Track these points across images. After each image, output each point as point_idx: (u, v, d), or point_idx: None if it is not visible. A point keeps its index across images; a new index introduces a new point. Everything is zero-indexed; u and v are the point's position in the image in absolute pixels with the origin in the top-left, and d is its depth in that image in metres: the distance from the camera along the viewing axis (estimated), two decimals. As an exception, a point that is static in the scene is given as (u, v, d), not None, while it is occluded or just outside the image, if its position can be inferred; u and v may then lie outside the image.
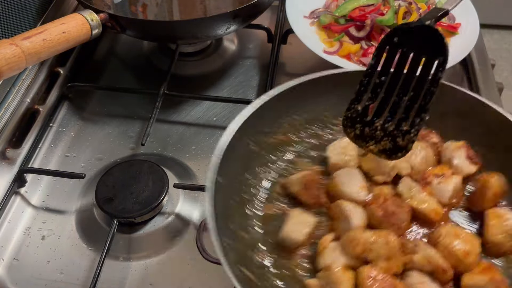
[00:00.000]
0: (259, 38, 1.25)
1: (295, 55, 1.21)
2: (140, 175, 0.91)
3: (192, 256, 0.85)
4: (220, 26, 1.01)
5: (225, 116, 1.08)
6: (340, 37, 1.13)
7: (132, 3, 1.19)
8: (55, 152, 1.02)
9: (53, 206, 0.93)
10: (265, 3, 1.08)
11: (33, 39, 0.82)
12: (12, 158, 0.98)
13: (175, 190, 0.93)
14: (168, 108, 1.09)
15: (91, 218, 0.91)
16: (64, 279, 0.83)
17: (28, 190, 0.95)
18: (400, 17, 1.12)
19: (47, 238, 0.88)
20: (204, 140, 1.04)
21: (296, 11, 1.17)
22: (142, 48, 1.24)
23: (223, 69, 1.19)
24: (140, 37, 1.12)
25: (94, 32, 0.92)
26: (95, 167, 0.99)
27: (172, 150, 1.02)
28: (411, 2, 1.14)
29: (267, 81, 1.10)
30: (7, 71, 0.78)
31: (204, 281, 0.83)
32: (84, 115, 1.09)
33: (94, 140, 1.04)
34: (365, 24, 1.13)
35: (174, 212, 0.91)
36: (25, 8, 1.11)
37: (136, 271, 0.84)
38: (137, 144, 1.02)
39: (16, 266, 0.85)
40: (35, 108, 1.07)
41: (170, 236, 0.89)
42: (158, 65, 1.19)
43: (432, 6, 1.19)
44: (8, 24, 1.05)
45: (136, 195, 0.88)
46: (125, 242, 0.88)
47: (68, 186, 0.95)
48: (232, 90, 1.14)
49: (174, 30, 1.03)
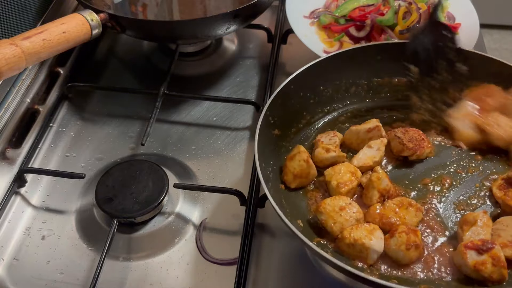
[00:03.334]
0: (259, 38, 1.25)
1: (295, 55, 1.21)
2: (140, 175, 0.91)
3: (192, 256, 0.85)
4: (220, 26, 1.01)
5: (225, 116, 1.08)
6: (340, 37, 1.13)
7: (132, 3, 1.19)
8: (55, 152, 1.02)
9: (53, 206, 0.93)
10: (265, 3, 1.08)
11: (33, 39, 0.82)
12: (12, 158, 0.98)
13: (175, 190, 0.93)
14: (168, 108, 1.09)
15: (91, 218, 0.91)
16: (64, 279, 0.83)
17: (28, 190, 0.95)
18: (400, 17, 1.12)
19: (47, 238, 0.88)
20: (204, 140, 1.04)
21: (296, 11, 1.17)
22: (142, 48, 1.24)
23: (223, 69, 1.19)
24: (140, 37, 1.12)
25: (94, 32, 0.92)
26: (95, 167, 0.99)
27: (172, 150, 1.02)
28: (411, 2, 1.14)
29: (267, 81, 1.10)
30: (7, 71, 0.78)
31: (204, 281, 0.83)
32: (84, 115, 1.09)
33: (94, 140, 1.04)
34: (365, 24, 1.13)
35: (174, 212, 0.92)
36: (25, 8, 1.11)
37: (136, 271, 0.85)
38: (137, 144, 1.02)
39: (16, 266, 0.85)
40: (35, 108, 1.07)
41: (170, 236, 0.89)
42: (158, 65, 1.19)
43: (432, 6, 1.19)
44: (8, 24, 1.05)
45: (136, 195, 0.88)
46: (125, 242, 0.88)
47: (68, 186, 0.95)
48: (232, 90, 1.14)
49: (174, 30, 1.03)
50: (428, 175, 0.88)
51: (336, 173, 0.84)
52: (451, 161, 0.90)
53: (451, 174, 0.88)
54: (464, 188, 0.86)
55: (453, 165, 0.90)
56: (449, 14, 1.19)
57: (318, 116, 0.97)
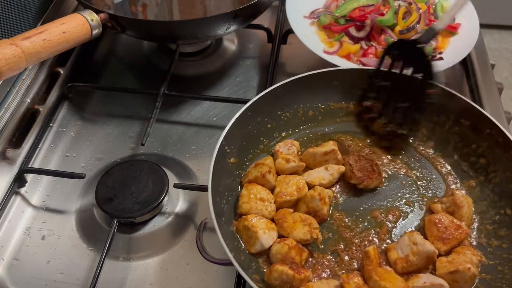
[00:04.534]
0: (259, 38, 1.25)
1: (295, 55, 1.21)
2: (140, 175, 0.91)
3: (192, 256, 0.86)
4: (220, 26, 1.01)
5: (225, 116, 1.08)
6: (340, 37, 1.13)
7: (132, 3, 1.19)
8: (55, 152, 1.02)
9: (53, 206, 0.93)
10: (265, 3, 1.08)
11: (33, 39, 0.82)
12: (12, 158, 0.98)
13: (175, 190, 0.93)
14: (168, 108, 1.09)
15: (91, 218, 0.91)
16: (64, 279, 0.83)
17: (28, 190, 0.95)
18: (400, 17, 1.12)
19: (47, 238, 0.88)
20: (204, 140, 1.04)
21: (296, 11, 1.17)
22: (142, 48, 1.24)
23: (223, 69, 1.19)
24: (140, 37, 1.12)
25: (94, 32, 0.92)
26: (95, 167, 0.99)
27: (172, 150, 1.02)
28: (411, 2, 1.14)
29: (267, 81, 1.10)
30: (7, 71, 0.78)
31: (204, 281, 0.83)
32: (84, 115, 1.09)
33: (94, 140, 1.04)
34: (365, 24, 1.13)
35: (174, 212, 0.92)
36: (25, 8, 1.11)
37: (136, 271, 0.85)
38: (137, 144, 1.02)
39: (16, 266, 0.85)
40: (35, 108, 1.07)
41: (170, 236, 0.89)
42: (158, 65, 1.19)
43: (432, 6, 1.19)
44: (8, 24, 1.05)
45: (136, 195, 0.88)
46: (125, 242, 0.88)
47: (68, 186, 0.95)
48: (232, 90, 1.14)
49: (174, 30, 1.03)
50: (377, 206, 0.88)
51: (285, 182, 0.86)
52: (402, 192, 0.90)
53: (400, 207, 0.88)
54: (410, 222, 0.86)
55: (404, 196, 0.90)
56: (449, 14, 1.19)
57: (276, 141, 0.96)
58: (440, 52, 1.11)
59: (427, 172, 0.93)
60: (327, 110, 1.00)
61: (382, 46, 1.10)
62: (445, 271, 0.75)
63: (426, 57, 0.91)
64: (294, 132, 0.98)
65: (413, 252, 0.78)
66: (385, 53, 0.95)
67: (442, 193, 0.90)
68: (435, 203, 0.87)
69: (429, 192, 0.90)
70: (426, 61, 0.90)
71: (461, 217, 0.83)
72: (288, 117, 0.97)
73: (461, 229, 0.81)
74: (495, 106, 1.07)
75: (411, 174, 0.93)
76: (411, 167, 0.94)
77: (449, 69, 1.08)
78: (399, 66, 0.94)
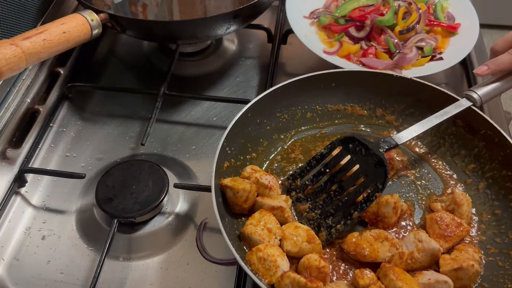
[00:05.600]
0: (259, 38, 1.26)
1: (295, 55, 1.21)
2: (140, 175, 0.91)
3: (192, 256, 0.86)
4: (220, 26, 1.01)
5: (225, 116, 1.08)
6: (340, 37, 1.13)
7: (132, 3, 1.19)
8: (55, 152, 1.02)
9: (53, 206, 0.93)
10: (265, 3, 1.08)
11: (33, 39, 0.82)
12: (12, 158, 0.98)
13: (175, 190, 0.93)
14: (168, 108, 1.09)
15: (91, 218, 0.91)
16: (64, 279, 0.83)
17: (28, 190, 0.95)
18: (400, 18, 1.12)
19: (47, 238, 0.89)
20: (204, 140, 1.04)
21: (296, 11, 1.17)
22: (142, 48, 1.24)
23: (223, 69, 1.19)
24: (140, 37, 1.12)
25: (94, 32, 0.92)
26: (95, 167, 0.99)
27: (172, 150, 1.02)
28: (411, 3, 1.14)
29: (267, 81, 1.10)
30: (7, 71, 0.78)
31: (204, 281, 0.83)
32: (84, 115, 1.09)
33: (94, 140, 1.04)
34: (365, 25, 1.13)
35: (174, 212, 0.92)
36: (25, 8, 1.11)
37: (136, 271, 0.85)
38: (137, 144, 1.02)
39: (16, 266, 0.85)
40: (35, 108, 1.07)
41: (170, 236, 0.89)
42: (158, 65, 1.19)
43: (432, 6, 1.19)
44: (8, 24, 1.05)
45: (136, 195, 0.88)
46: (125, 242, 0.88)
47: (68, 186, 0.95)
48: (232, 90, 1.14)
49: (174, 30, 1.03)
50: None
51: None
52: (401, 192, 0.90)
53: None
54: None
55: (404, 195, 0.90)
56: (449, 14, 1.19)
57: (276, 142, 0.96)
58: (440, 52, 1.11)
59: (425, 172, 0.93)
60: (325, 111, 1.00)
61: (382, 46, 1.11)
62: (448, 268, 0.76)
63: (385, 167, 0.80)
64: (293, 134, 0.98)
65: (418, 249, 0.78)
66: (336, 143, 0.86)
67: (440, 192, 0.90)
68: (434, 201, 0.88)
69: (427, 192, 0.90)
70: (384, 171, 0.80)
71: (461, 215, 0.83)
72: (287, 118, 0.97)
73: (462, 227, 0.81)
74: (495, 106, 1.07)
75: (409, 174, 0.93)
76: (409, 167, 0.94)
77: (449, 69, 1.08)
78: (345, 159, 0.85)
